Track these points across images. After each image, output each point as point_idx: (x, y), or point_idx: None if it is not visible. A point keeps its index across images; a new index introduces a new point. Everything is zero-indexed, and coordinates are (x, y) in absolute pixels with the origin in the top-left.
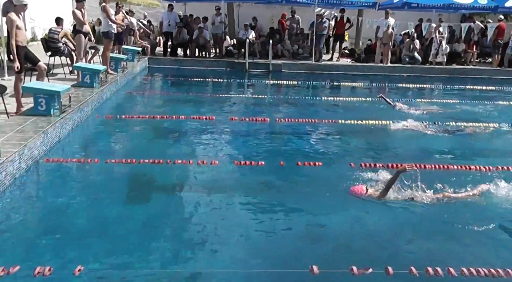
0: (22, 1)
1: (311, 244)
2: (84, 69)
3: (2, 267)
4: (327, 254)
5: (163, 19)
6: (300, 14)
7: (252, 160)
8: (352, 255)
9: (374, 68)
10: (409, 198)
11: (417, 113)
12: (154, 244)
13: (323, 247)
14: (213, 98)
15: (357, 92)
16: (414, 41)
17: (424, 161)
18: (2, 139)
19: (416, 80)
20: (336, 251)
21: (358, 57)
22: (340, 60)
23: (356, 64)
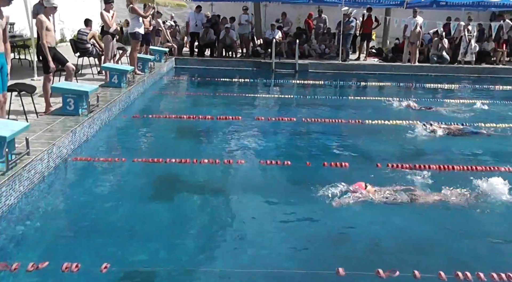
0: (52, 3)
1: (336, 245)
2: (112, 70)
3: (32, 262)
4: (353, 256)
5: (190, 19)
6: (327, 13)
7: (278, 160)
8: (379, 258)
9: (401, 67)
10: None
11: (445, 113)
12: (179, 242)
13: (349, 249)
14: (239, 98)
15: (384, 92)
16: (443, 40)
17: (450, 162)
18: (31, 138)
19: (444, 80)
20: (362, 253)
21: (385, 56)
22: (367, 59)
23: (383, 63)
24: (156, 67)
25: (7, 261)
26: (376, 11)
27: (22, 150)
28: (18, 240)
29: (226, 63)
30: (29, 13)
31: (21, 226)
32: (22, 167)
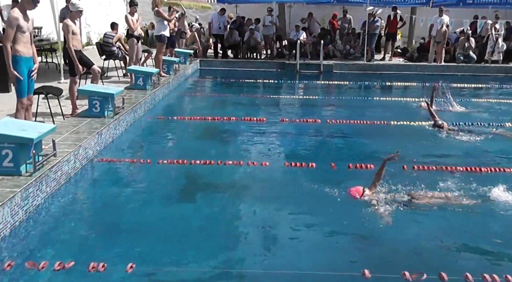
0: (77, 8)
1: (362, 247)
2: (137, 72)
3: (59, 261)
4: (378, 258)
5: (213, 21)
6: (351, 13)
7: (303, 161)
8: (404, 260)
9: (427, 67)
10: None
11: (473, 113)
12: (204, 243)
13: (374, 251)
14: (264, 99)
15: (409, 92)
16: (469, 39)
17: (477, 164)
18: (58, 139)
19: (471, 80)
20: (388, 255)
21: (410, 56)
22: (392, 59)
23: (408, 63)
24: (181, 69)
25: (35, 260)
26: (401, 10)
27: (49, 151)
28: (45, 239)
29: (251, 64)
30: (56, 17)
31: (48, 226)
32: (49, 168)
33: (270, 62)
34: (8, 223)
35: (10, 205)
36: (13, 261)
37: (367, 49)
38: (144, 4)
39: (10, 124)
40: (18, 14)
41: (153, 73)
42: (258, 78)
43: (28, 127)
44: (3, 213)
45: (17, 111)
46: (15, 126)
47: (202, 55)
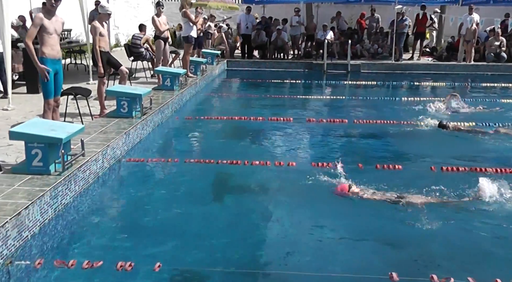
0: (106, 10)
1: (390, 250)
2: (165, 73)
3: (87, 260)
4: (406, 261)
5: (241, 21)
6: (379, 12)
7: (330, 162)
8: (432, 264)
9: (456, 66)
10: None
11: (505, 114)
12: (230, 243)
13: (402, 254)
14: (290, 99)
15: (438, 92)
16: (500, 38)
17: (508, 165)
18: (86, 139)
19: (501, 79)
20: (416, 258)
21: (439, 55)
22: (420, 59)
23: (437, 62)
24: (208, 70)
25: (64, 258)
26: (430, 8)
27: (78, 151)
28: (74, 238)
29: (278, 64)
30: (85, 20)
31: (76, 224)
32: (77, 168)
33: (297, 62)
34: (38, 221)
35: (39, 204)
36: (42, 258)
37: (395, 48)
38: (172, 6)
39: (39, 124)
40: (42, 15)
41: (180, 74)
42: (285, 79)
43: (57, 127)
44: (32, 211)
45: (45, 112)
46: (44, 126)
47: (229, 56)
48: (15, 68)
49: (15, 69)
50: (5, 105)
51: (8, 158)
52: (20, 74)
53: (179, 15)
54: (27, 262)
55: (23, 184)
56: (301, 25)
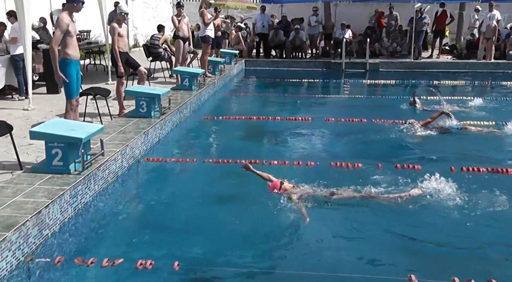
0: (121, 11)
1: (408, 252)
2: (183, 73)
3: (107, 258)
4: (426, 263)
5: (257, 21)
6: (398, 10)
7: (349, 161)
8: (453, 266)
9: (476, 65)
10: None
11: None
12: (249, 243)
13: (422, 255)
14: (309, 98)
15: (458, 91)
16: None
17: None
18: (105, 139)
19: None
20: (436, 260)
21: (459, 53)
22: (440, 57)
23: (457, 61)
24: (226, 69)
25: (84, 256)
26: (449, 6)
27: (97, 150)
28: (93, 236)
29: (296, 64)
30: (105, 21)
31: (96, 223)
32: (97, 167)
33: (316, 62)
34: (58, 220)
35: (59, 202)
36: (62, 256)
37: (414, 46)
38: (190, 6)
39: (59, 124)
40: (68, 19)
41: (198, 73)
42: (303, 78)
43: (77, 127)
44: (53, 210)
45: (67, 112)
46: (64, 126)
47: (247, 55)
48: (35, 69)
49: (35, 70)
50: (26, 105)
51: (28, 157)
52: (40, 75)
53: (197, 15)
54: (48, 259)
55: (44, 183)
56: (319, 24)
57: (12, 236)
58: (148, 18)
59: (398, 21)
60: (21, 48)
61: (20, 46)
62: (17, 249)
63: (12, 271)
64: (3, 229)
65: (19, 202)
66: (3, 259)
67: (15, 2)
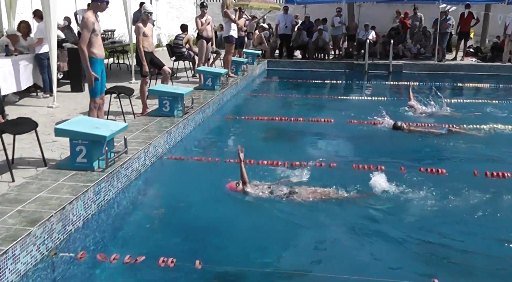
0: (145, 10)
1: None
2: (206, 73)
3: (129, 255)
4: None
5: (280, 21)
6: (422, 11)
7: (371, 164)
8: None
9: (501, 67)
10: None
11: None
12: (268, 243)
13: (445, 259)
14: (331, 100)
15: (482, 94)
16: None
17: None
18: (129, 137)
19: None
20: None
21: (484, 56)
22: (464, 59)
23: (481, 63)
24: (249, 70)
25: (106, 252)
26: (474, 7)
27: (121, 148)
28: (116, 233)
29: (318, 64)
30: (129, 20)
31: (118, 220)
32: (120, 165)
33: (338, 63)
34: (81, 216)
35: (83, 199)
36: (85, 252)
37: (438, 48)
38: (213, 6)
39: (84, 122)
40: (93, 18)
41: (221, 73)
42: (325, 79)
43: (101, 125)
44: (76, 206)
45: (90, 110)
46: (88, 124)
47: (269, 56)
48: (60, 67)
49: (60, 68)
50: (50, 103)
51: (52, 154)
52: (64, 73)
53: (220, 16)
54: (71, 254)
55: (68, 180)
56: (343, 25)
57: (37, 230)
58: (172, 18)
59: (422, 23)
60: (46, 46)
61: (45, 45)
62: (41, 244)
63: (36, 264)
64: (28, 223)
65: (44, 197)
66: (28, 253)
67: (42, 2)
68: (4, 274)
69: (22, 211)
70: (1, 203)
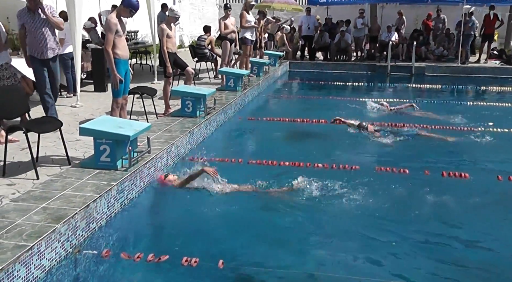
0: (175, 14)
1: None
2: (228, 74)
3: (152, 254)
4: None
5: (303, 23)
6: (446, 13)
7: (394, 167)
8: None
9: None
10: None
11: None
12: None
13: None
14: (353, 102)
15: (506, 97)
16: None
17: None
18: (152, 137)
19: None
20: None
21: (508, 58)
22: (488, 62)
23: (505, 66)
24: (270, 71)
25: (129, 251)
26: (499, 9)
27: (144, 148)
28: (139, 232)
29: (340, 66)
30: (153, 22)
31: (141, 218)
32: (143, 164)
33: (360, 64)
34: (105, 214)
35: (106, 197)
36: (109, 249)
37: (462, 50)
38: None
39: (107, 121)
40: (116, 19)
41: (243, 74)
42: (347, 81)
43: (124, 125)
44: (100, 205)
45: (112, 110)
46: (112, 123)
47: (291, 57)
48: (84, 67)
49: (84, 68)
50: (74, 103)
51: (76, 152)
52: (87, 73)
53: None
54: (95, 252)
55: (91, 178)
56: (365, 27)
57: (61, 228)
58: (194, 19)
59: (445, 24)
60: (70, 47)
61: (69, 45)
62: (65, 241)
63: (60, 261)
64: (53, 221)
65: (68, 195)
66: (53, 250)
67: (67, 3)
68: (30, 270)
69: (47, 208)
70: (27, 200)
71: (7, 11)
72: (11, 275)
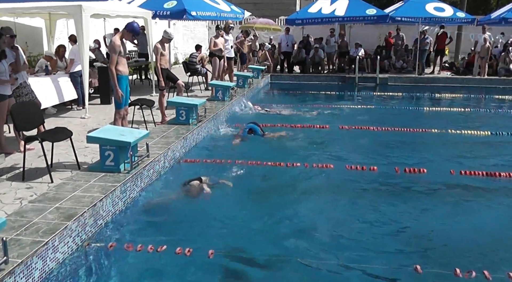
0: (169, 36)
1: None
2: (217, 86)
3: (151, 245)
4: (432, 256)
5: (282, 40)
6: (405, 31)
7: (364, 165)
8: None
9: (472, 80)
10: None
11: None
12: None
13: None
14: (326, 108)
15: (456, 103)
16: (510, 54)
17: None
18: (150, 143)
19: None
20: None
21: (457, 70)
22: (440, 73)
23: (455, 76)
24: (254, 83)
25: (132, 243)
26: (448, 28)
27: (143, 153)
28: (140, 226)
29: (315, 78)
30: (151, 42)
31: (143, 215)
32: (143, 167)
33: (332, 76)
34: (110, 212)
35: (111, 197)
36: (114, 242)
37: (418, 63)
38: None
39: (111, 130)
40: (119, 41)
41: (230, 86)
42: (321, 90)
43: (126, 133)
44: (106, 203)
45: (115, 119)
46: (115, 131)
47: (272, 71)
48: (91, 83)
49: (91, 84)
50: (83, 114)
51: (85, 158)
52: (94, 88)
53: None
54: (102, 244)
55: (98, 180)
56: (336, 44)
57: (72, 224)
58: (187, 39)
59: (404, 41)
60: (79, 66)
61: (78, 64)
62: (76, 236)
63: (72, 253)
64: (65, 219)
65: (78, 196)
66: (65, 244)
67: (76, 28)
68: (46, 262)
69: (59, 207)
70: (42, 201)
71: (26, 38)
72: (30, 267)
